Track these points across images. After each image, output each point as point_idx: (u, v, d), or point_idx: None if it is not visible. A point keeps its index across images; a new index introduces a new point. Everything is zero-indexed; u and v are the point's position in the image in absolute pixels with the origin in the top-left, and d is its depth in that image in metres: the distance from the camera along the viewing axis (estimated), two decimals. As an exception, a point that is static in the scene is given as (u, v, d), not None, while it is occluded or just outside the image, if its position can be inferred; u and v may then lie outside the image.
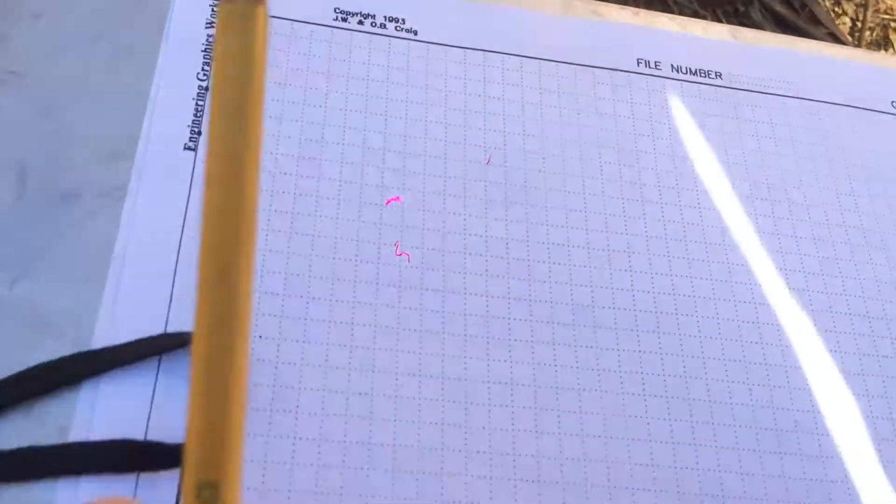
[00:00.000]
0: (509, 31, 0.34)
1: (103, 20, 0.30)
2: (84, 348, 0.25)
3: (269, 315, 0.27)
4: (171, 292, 0.26)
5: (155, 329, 0.25)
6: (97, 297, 0.25)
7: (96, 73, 0.29)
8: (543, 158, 0.32)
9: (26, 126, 0.28)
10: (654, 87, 0.34)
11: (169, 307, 0.26)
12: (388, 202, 0.29)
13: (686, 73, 0.35)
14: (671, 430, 0.27)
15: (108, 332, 0.25)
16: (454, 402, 0.26)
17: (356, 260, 0.28)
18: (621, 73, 0.34)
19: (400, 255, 0.28)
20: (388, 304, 0.28)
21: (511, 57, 0.34)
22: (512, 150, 0.32)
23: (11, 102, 0.28)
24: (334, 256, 0.28)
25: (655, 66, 0.35)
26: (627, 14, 0.36)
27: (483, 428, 0.26)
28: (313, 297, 0.27)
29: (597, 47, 0.35)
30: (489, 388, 0.27)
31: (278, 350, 0.26)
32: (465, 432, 0.26)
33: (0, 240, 0.26)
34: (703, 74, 0.35)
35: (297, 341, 0.26)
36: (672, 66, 0.35)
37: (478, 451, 0.26)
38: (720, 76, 0.35)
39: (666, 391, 0.28)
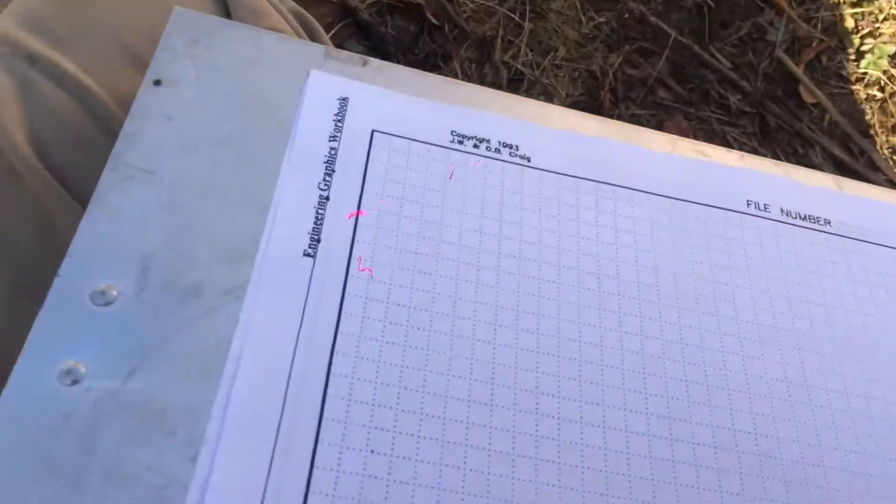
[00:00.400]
0: (620, 164, 0.34)
1: (231, 125, 0.31)
2: (195, 446, 0.24)
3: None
4: (285, 396, 0.25)
5: (266, 433, 0.24)
6: (211, 395, 0.25)
7: (222, 175, 0.30)
8: (658, 292, 0.31)
9: (153, 222, 0.28)
10: (764, 229, 0.34)
11: (282, 411, 0.25)
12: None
13: (796, 217, 0.35)
14: None
15: (219, 431, 0.24)
16: None
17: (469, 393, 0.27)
18: (733, 213, 0.34)
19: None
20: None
21: (622, 189, 0.34)
22: (625, 280, 0.31)
23: (141, 198, 0.28)
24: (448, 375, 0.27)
25: (765, 208, 0.35)
26: (733, 157, 0.37)
27: None
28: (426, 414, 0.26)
29: (706, 186, 0.35)
30: None
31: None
32: None
33: (118, 333, 0.25)
34: (812, 220, 0.35)
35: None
36: (781, 209, 0.35)
37: None
38: (829, 223, 0.35)
39: None
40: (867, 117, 1.03)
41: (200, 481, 0.23)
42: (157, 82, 0.31)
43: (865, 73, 1.06)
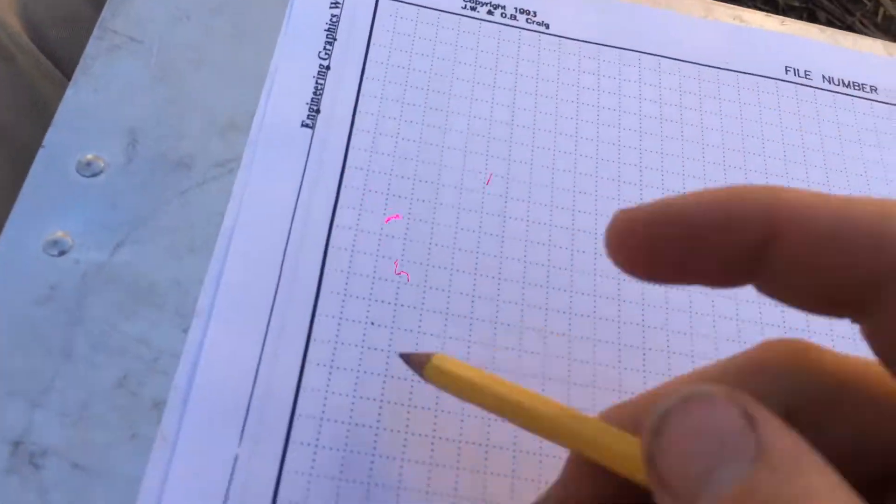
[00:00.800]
0: (647, 30, 0.32)
1: (226, -6, 0.29)
2: (186, 319, 0.23)
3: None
4: (280, 270, 0.24)
5: (262, 306, 0.24)
6: (202, 269, 0.24)
7: (216, 45, 0.28)
8: (683, 163, 0.29)
9: (142, 92, 0.27)
10: (804, 97, 0.32)
11: (278, 283, 0.24)
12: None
13: (839, 84, 0.33)
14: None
15: (211, 304, 0.23)
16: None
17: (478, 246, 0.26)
18: (769, 80, 0.32)
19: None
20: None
21: (648, 56, 0.32)
22: (648, 151, 0.29)
23: (128, 67, 0.27)
24: (454, 240, 0.26)
25: (805, 75, 0.32)
26: (773, 22, 0.34)
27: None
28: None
29: (742, 52, 0.32)
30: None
31: (392, 340, 0.24)
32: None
33: (105, 204, 0.24)
34: (857, 87, 0.33)
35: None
36: (823, 76, 0.33)
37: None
38: (875, 90, 0.33)
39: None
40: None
41: (192, 350, 0.23)
42: (146, -52, 0.29)
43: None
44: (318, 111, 0.28)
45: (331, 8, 0.30)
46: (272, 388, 0.23)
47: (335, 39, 0.29)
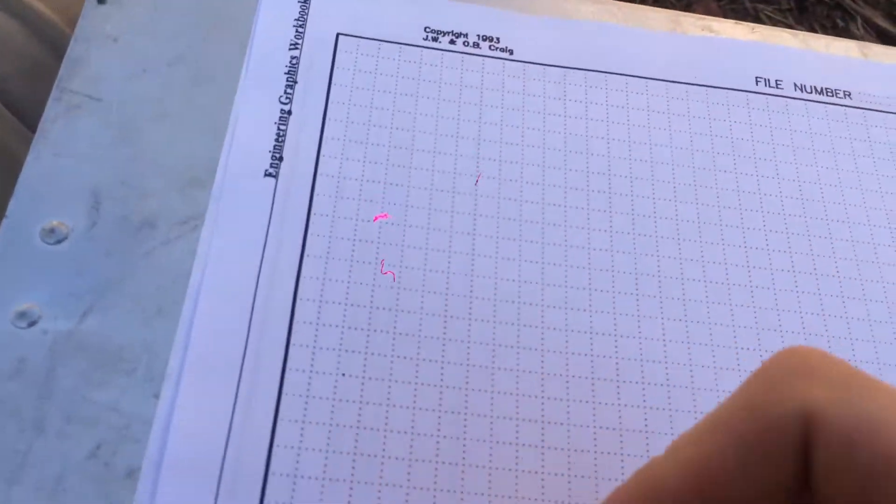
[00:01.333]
0: (613, 50, 0.32)
1: (183, 42, 0.30)
2: (156, 384, 0.23)
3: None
4: (249, 327, 0.25)
5: (231, 365, 0.24)
6: (170, 332, 0.24)
7: (175, 98, 0.29)
8: (653, 185, 0.30)
9: (102, 153, 0.27)
10: (775, 108, 0.32)
11: (247, 340, 0.25)
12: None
13: (811, 91, 0.33)
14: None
15: (180, 367, 0.24)
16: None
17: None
18: (738, 92, 0.32)
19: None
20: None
21: (615, 76, 0.32)
22: (616, 175, 0.30)
23: (88, 127, 0.27)
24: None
25: (776, 84, 0.33)
26: (743, 30, 0.34)
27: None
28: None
29: (710, 65, 0.33)
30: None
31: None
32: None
33: (71, 271, 0.25)
34: (829, 93, 0.33)
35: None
36: (795, 84, 0.33)
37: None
38: (849, 95, 0.33)
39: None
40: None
41: (164, 416, 0.23)
42: (101, 0, 0.30)
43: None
44: (280, 159, 0.28)
45: (290, 49, 0.30)
46: (244, 448, 0.23)
47: (295, 82, 0.29)
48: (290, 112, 0.29)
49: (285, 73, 0.30)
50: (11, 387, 0.23)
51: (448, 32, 0.32)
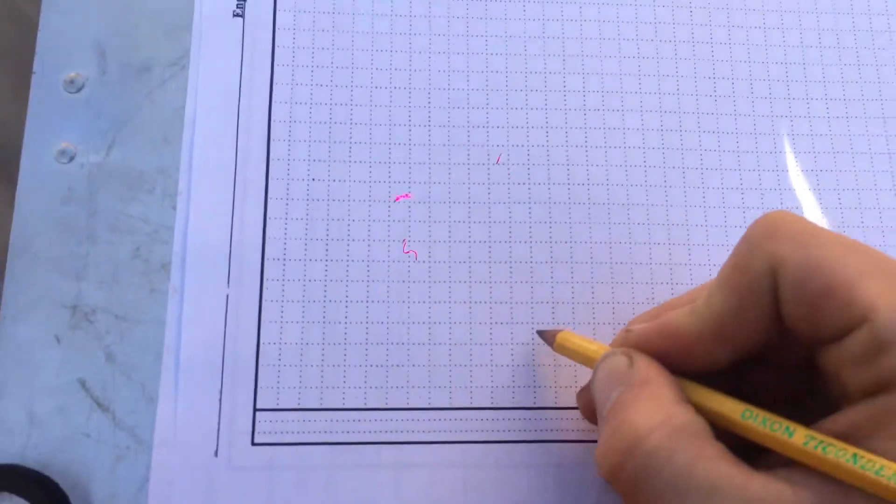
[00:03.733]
0: None
1: None
2: (172, 198, 0.33)
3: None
4: (236, 146, 0.34)
5: (227, 176, 0.33)
6: (177, 155, 0.34)
7: (149, -50, 0.36)
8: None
9: (99, 7, 0.35)
10: None
11: (235, 159, 0.34)
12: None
13: None
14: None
15: (188, 184, 0.33)
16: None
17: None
18: None
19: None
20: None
21: None
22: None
23: (83, -14, 0.35)
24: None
25: None
26: None
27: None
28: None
29: None
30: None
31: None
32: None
33: (93, 114, 0.34)
34: None
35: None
36: None
37: (500, 268, 0.34)
38: None
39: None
40: None
41: (181, 221, 0.33)
42: None
43: None
44: (245, 0, 0.35)
45: None
46: (244, 240, 0.33)
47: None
48: (248, -45, 0.36)
49: (240, -83, 0.36)
50: (66, 210, 0.33)
51: None
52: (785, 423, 0.22)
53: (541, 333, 0.32)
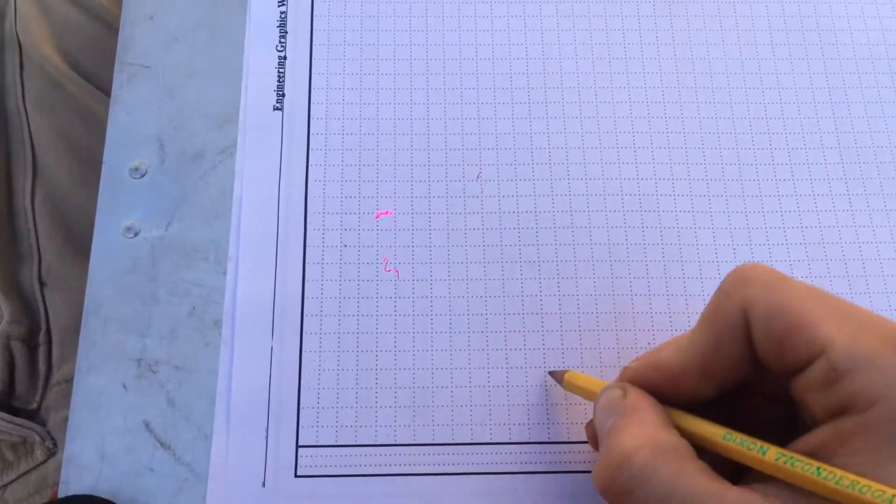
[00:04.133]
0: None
1: (200, 11, 0.42)
2: (223, 265, 0.38)
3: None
4: (277, 219, 0.39)
5: (269, 248, 0.39)
6: (226, 228, 0.39)
7: (201, 57, 0.42)
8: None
9: (158, 106, 0.41)
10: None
11: (277, 231, 0.39)
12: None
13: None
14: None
15: (237, 253, 0.38)
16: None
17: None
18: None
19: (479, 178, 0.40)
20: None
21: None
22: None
23: (145, 89, 0.41)
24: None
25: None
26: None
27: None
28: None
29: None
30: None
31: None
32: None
33: (155, 195, 0.39)
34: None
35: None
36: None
37: (512, 317, 0.38)
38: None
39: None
40: None
41: (231, 286, 0.38)
42: (136, -12, 0.43)
43: None
44: (283, 95, 0.41)
45: (279, 6, 0.43)
46: (286, 299, 0.38)
47: (287, 32, 0.42)
48: (285, 57, 0.42)
49: (277, 26, 0.42)
50: (131, 277, 0.38)
51: (398, -29, 0.44)
52: (760, 443, 0.25)
53: (552, 374, 0.36)
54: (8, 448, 0.42)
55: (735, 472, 0.26)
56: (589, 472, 0.36)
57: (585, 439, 0.36)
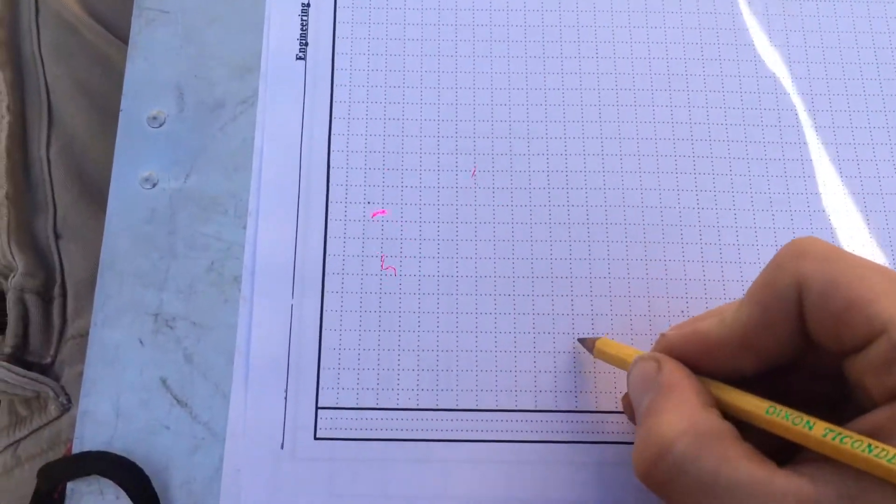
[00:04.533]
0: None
1: (222, -44, 0.41)
2: (242, 219, 0.37)
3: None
4: (299, 173, 0.38)
5: (290, 202, 0.38)
6: (247, 182, 0.38)
7: (222, 2, 0.41)
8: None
9: (177, 53, 0.40)
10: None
11: (298, 185, 0.38)
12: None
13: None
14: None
15: (257, 207, 0.37)
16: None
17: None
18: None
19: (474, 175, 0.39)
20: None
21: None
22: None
23: (163, 35, 0.40)
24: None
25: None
26: None
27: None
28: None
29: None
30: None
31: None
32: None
33: (174, 146, 0.38)
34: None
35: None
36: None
37: (541, 280, 0.37)
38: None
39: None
40: None
41: (251, 240, 0.37)
42: (155, -70, 0.41)
43: None
44: (306, 44, 0.40)
45: (304, -49, 0.41)
46: (307, 256, 0.37)
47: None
48: (308, 4, 0.41)
49: (303, -28, 0.41)
50: (149, 228, 0.37)
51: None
52: (806, 417, 0.24)
53: (582, 341, 0.35)
54: (21, 403, 0.42)
55: (782, 449, 0.25)
56: (617, 442, 0.35)
57: (613, 409, 0.35)
